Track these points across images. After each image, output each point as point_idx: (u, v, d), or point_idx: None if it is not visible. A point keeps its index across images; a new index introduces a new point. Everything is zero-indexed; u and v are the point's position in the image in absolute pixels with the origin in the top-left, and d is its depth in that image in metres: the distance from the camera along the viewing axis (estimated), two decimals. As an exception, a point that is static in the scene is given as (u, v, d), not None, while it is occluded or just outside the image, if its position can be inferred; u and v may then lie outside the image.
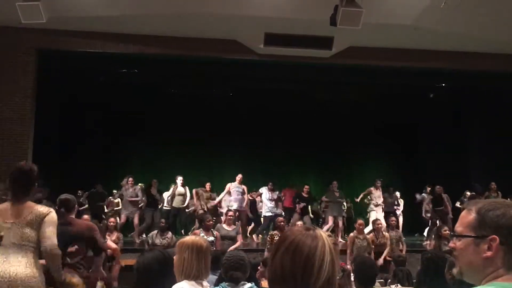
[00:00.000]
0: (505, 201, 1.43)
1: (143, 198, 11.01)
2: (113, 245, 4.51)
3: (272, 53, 10.87)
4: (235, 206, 10.45)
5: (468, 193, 11.70)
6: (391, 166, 15.27)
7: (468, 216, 1.44)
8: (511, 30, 10.04)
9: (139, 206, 10.99)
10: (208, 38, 10.71)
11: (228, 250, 5.04)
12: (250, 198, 11.53)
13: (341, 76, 12.42)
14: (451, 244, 1.50)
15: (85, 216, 7.26)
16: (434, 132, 14.53)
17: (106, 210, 11.69)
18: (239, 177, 10.78)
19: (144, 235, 10.90)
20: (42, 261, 3.17)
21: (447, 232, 8.16)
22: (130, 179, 10.99)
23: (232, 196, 10.74)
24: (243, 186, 10.83)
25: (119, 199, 11.45)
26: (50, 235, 3.04)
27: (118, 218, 10.06)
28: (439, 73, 12.03)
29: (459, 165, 13.75)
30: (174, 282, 2.65)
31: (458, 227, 1.48)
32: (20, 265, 2.86)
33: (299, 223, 9.24)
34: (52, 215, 3.11)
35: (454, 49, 11.05)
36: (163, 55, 11.09)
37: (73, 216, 4.20)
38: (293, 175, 13.87)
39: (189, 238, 2.82)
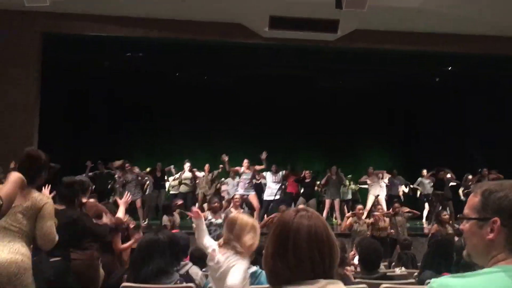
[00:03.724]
0: (509, 182, 1.44)
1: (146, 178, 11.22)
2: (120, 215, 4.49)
3: (277, 37, 10.80)
4: (240, 191, 10.49)
5: (470, 177, 11.69)
6: (395, 151, 15.23)
7: (474, 198, 1.45)
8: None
9: (143, 189, 11.09)
10: (212, 21, 10.65)
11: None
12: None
13: (346, 61, 12.33)
14: (460, 227, 1.52)
15: (91, 200, 7.31)
16: (438, 117, 14.44)
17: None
18: (245, 163, 10.77)
19: (147, 219, 11.07)
20: None
21: (446, 216, 8.25)
22: (127, 164, 11.04)
23: (240, 182, 10.77)
24: (252, 170, 10.79)
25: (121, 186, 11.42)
26: (47, 231, 2.97)
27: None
28: (445, 56, 11.93)
29: (463, 150, 13.69)
30: (167, 261, 3.01)
31: (465, 210, 1.49)
32: (3, 249, 2.79)
33: (301, 206, 9.28)
34: (49, 206, 3.04)
35: (460, 31, 10.94)
36: (168, 39, 11.04)
37: (86, 199, 4.26)
38: (299, 161, 13.83)
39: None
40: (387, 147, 15.33)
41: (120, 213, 4.41)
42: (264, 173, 11.45)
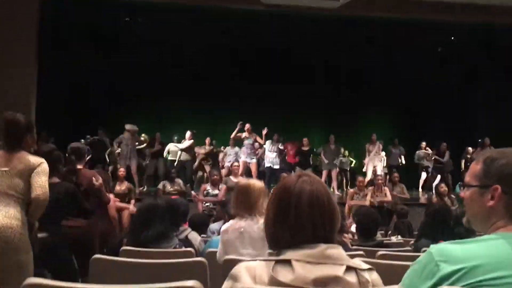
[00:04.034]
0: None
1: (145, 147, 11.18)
2: (122, 205, 4.53)
3: (277, 3, 10.59)
4: (243, 157, 10.47)
5: (470, 149, 11.72)
6: (397, 123, 15.17)
7: (476, 166, 1.46)
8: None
9: (139, 155, 11.02)
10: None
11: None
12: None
13: (347, 30, 12.14)
14: (461, 194, 1.53)
15: (79, 166, 7.30)
16: (442, 89, 14.33)
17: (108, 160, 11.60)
18: (247, 127, 10.71)
19: (145, 187, 11.09)
20: None
21: (444, 189, 8.34)
22: (129, 125, 10.93)
23: (243, 148, 10.76)
24: (254, 137, 10.76)
25: (119, 149, 11.21)
26: (44, 184, 2.95)
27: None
28: (449, 26, 11.76)
29: (466, 123, 13.63)
30: (166, 226, 3.05)
31: (467, 177, 1.50)
32: None
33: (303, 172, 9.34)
34: (44, 166, 3.01)
35: (466, 0, 10.74)
36: (166, 4, 10.84)
37: (82, 166, 4.22)
38: (299, 131, 13.80)
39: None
40: (389, 118, 15.24)
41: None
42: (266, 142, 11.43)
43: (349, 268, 1.34)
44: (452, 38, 12.80)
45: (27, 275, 2.67)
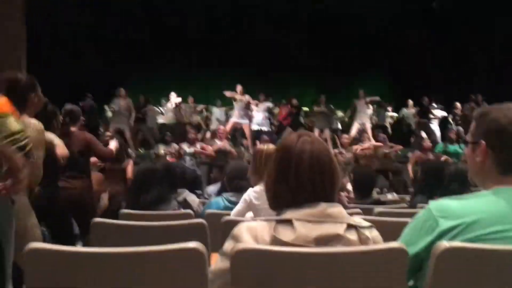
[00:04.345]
0: (507, 104, 1.43)
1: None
2: (113, 147, 4.47)
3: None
4: (234, 118, 10.43)
5: (458, 104, 11.73)
6: (390, 81, 15.10)
7: (473, 123, 1.47)
8: None
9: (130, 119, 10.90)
10: None
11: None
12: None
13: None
14: (465, 151, 1.55)
15: (73, 129, 7.24)
16: (435, 44, 14.17)
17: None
18: (238, 88, 10.62)
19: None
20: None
21: (428, 144, 8.42)
22: (122, 90, 10.79)
23: (235, 109, 10.72)
24: (246, 98, 10.69)
25: (111, 112, 11.08)
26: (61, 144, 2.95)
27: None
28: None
29: (460, 81, 13.55)
30: (165, 189, 3.06)
31: (467, 135, 1.52)
32: None
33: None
34: (39, 128, 2.85)
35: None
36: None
37: (76, 128, 4.18)
38: (293, 92, 13.68)
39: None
40: (380, 77, 15.13)
41: (112, 146, 4.39)
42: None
43: (349, 226, 1.35)
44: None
45: (32, 239, 2.67)
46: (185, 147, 7.98)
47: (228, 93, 10.64)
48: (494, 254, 1.25)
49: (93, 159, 4.41)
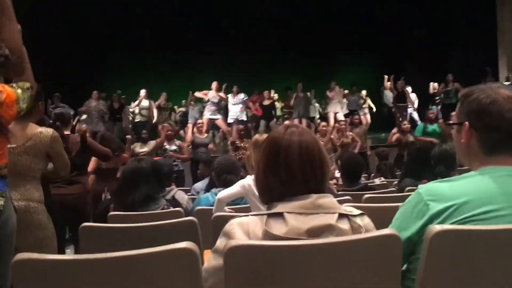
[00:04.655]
0: (489, 86, 1.43)
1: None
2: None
3: None
4: (206, 115, 10.45)
5: (436, 84, 11.85)
6: (369, 67, 15.16)
7: (458, 105, 1.47)
8: None
9: (105, 119, 10.80)
10: None
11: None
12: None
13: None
14: (452, 133, 1.56)
15: (67, 132, 7.15)
16: (412, 25, 14.23)
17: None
18: (214, 85, 10.62)
19: None
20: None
21: (406, 126, 8.53)
22: (95, 92, 10.67)
23: (207, 105, 10.70)
24: (221, 94, 10.68)
25: (85, 115, 10.92)
26: (66, 162, 2.95)
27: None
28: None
29: (438, 61, 13.66)
30: (153, 188, 3.02)
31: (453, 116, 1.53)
32: (16, 193, 2.65)
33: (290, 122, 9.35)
34: (54, 135, 2.88)
35: None
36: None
37: (69, 132, 4.14)
38: (273, 82, 13.64)
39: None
40: (359, 62, 15.17)
41: None
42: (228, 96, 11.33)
43: (341, 216, 1.35)
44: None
45: (48, 251, 2.69)
46: (165, 144, 7.90)
47: (198, 94, 10.66)
48: (485, 234, 1.26)
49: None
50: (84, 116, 10.71)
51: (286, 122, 9.20)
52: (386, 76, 12.11)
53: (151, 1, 13.25)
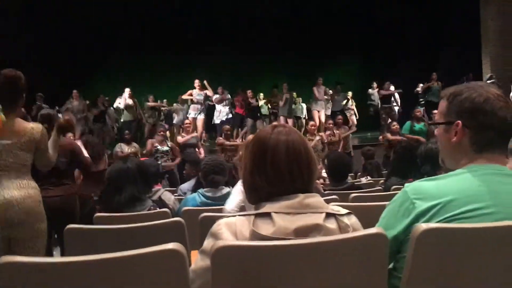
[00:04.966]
0: (476, 84, 1.44)
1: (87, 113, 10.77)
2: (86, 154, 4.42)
3: None
4: (192, 114, 10.43)
5: (421, 85, 11.97)
6: (354, 68, 15.24)
7: (442, 104, 1.47)
8: None
9: (84, 120, 10.72)
10: None
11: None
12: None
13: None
14: (435, 132, 1.55)
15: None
16: (400, 31, 14.31)
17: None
18: (196, 83, 10.60)
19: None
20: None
21: (396, 127, 8.61)
22: (75, 92, 10.58)
23: (192, 104, 10.69)
24: (205, 92, 10.65)
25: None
26: (52, 159, 2.95)
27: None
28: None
29: (424, 62, 13.75)
30: (139, 188, 3.02)
31: (436, 116, 1.54)
32: (13, 186, 2.72)
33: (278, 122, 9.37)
34: (44, 131, 2.91)
35: None
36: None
37: None
38: (260, 81, 13.64)
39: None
40: (344, 63, 15.24)
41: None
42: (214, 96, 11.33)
43: (328, 215, 1.35)
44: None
45: (41, 245, 2.79)
46: (157, 145, 7.87)
47: (185, 96, 10.63)
48: (471, 232, 1.27)
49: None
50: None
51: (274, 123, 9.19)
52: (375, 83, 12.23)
53: (150, 1, 13.16)
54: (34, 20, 11.71)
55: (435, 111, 1.63)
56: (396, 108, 12.14)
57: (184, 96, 10.78)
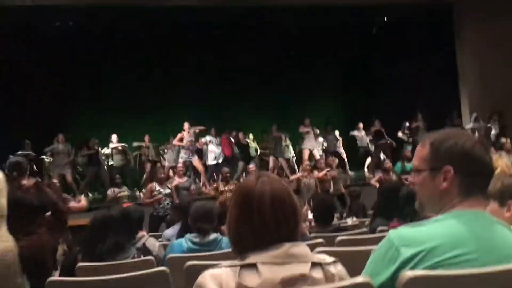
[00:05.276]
0: (456, 131, 1.48)
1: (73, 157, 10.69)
2: (78, 205, 4.35)
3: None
4: (184, 157, 10.41)
5: (407, 124, 12.13)
6: (336, 104, 15.36)
7: (423, 150, 1.47)
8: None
9: (71, 164, 10.66)
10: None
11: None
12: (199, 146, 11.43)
13: (282, 16, 12.22)
14: (409, 179, 1.55)
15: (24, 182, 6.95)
16: (378, 67, 14.62)
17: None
18: (186, 125, 10.62)
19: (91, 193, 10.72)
20: None
21: (389, 165, 8.66)
22: (61, 135, 10.55)
23: (183, 147, 10.67)
24: (192, 134, 10.69)
25: (50, 158, 10.72)
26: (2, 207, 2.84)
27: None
28: (381, 7, 12.09)
29: (405, 101, 13.98)
30: (122, 236, 2.96)
31: (415, 162, 1.51)
32: None
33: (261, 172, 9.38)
34: (3, 179, 2.88)
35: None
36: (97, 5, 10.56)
37: (26, 180, 4.02)
38: (242, 120, 13.61)
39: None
40: (326, 99, 15.34)
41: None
42: (205, 138, 11.34)
43: (314, 264, 1.35)
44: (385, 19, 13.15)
45: None
46: (157, 187, 7.81)
47: (175, 142, 10.64)
48: (455, 279, 1.27)
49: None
50: (48, 160, 10.52)
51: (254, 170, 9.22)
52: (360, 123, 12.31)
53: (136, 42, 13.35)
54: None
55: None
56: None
57: (175, 142, 10.72)
